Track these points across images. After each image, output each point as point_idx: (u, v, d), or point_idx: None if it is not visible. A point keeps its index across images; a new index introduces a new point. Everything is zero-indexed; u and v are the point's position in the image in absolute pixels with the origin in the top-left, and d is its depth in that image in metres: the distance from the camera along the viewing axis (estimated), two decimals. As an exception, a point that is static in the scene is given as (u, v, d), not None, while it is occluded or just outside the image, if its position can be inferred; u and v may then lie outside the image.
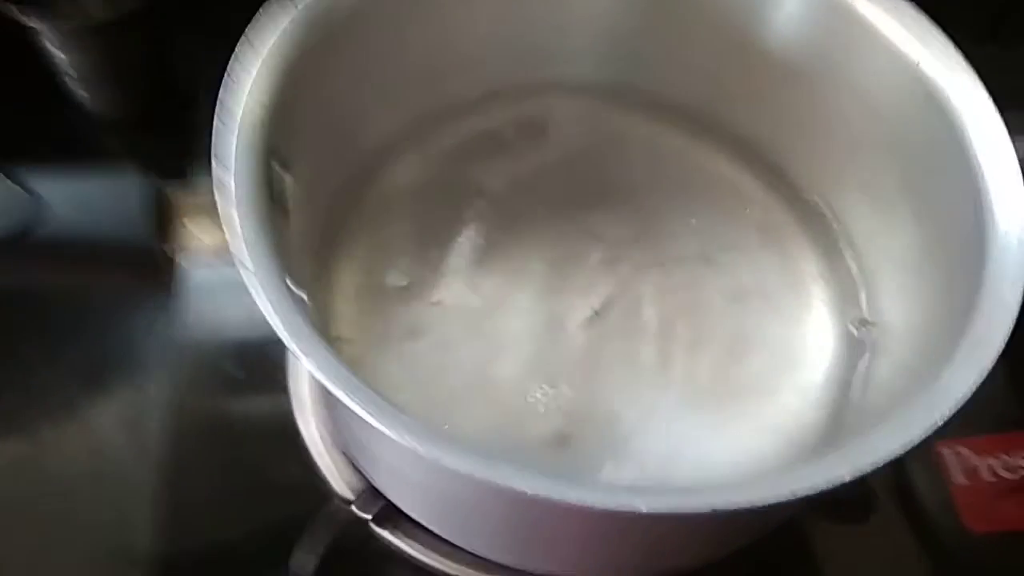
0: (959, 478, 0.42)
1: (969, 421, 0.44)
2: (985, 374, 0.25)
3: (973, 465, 0.43)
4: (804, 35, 0.35)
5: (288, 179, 0.30)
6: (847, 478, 0.23)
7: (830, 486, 0.23)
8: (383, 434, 0.23)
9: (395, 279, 0.37)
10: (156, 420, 0.43)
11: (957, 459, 0.43)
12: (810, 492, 0.23)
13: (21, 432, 0.44)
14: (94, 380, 0.46)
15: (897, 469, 0.43)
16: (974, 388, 0.25)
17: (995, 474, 0.42)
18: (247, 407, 0.42)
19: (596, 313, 0.37)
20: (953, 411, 0.24)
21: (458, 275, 0.37)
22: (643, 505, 0.22)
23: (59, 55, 0.47)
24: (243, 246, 0.25)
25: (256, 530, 0.39)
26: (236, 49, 0.29)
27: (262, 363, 0.43)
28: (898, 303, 0.35)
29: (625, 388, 0.35)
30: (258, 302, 0.24)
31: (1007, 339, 0.26)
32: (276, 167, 0.30)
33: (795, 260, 0.39)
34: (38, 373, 0.46)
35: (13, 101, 0.49)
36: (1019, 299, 0.26)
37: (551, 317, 0.37)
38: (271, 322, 0.24)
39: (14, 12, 0.44)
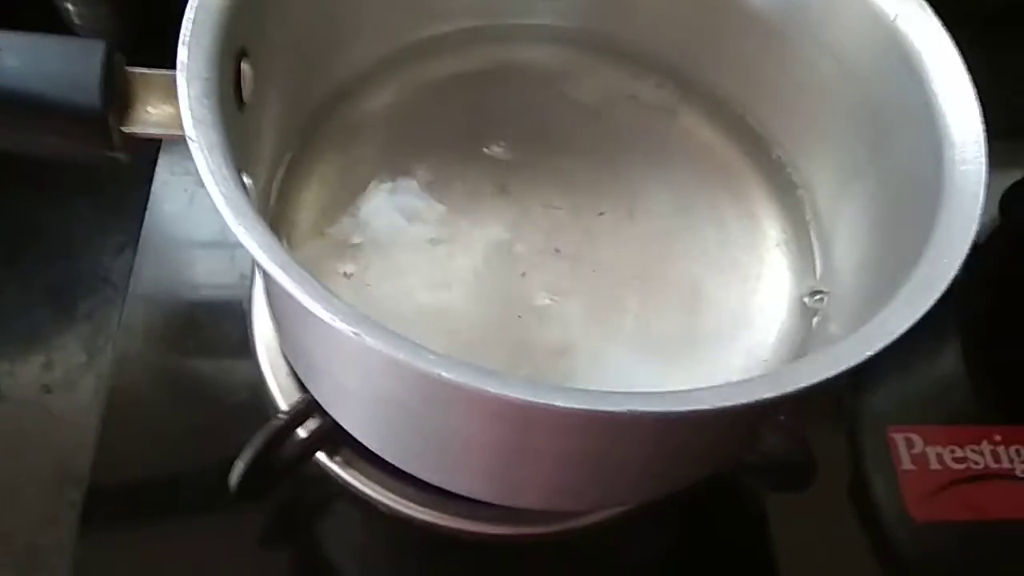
0: (907, 463, 0.42)
1: (925, 409, 0.45)
2: (922, 314, 0.25)
3: (922, 452, 0.43)
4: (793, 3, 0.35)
5: (248, 72, 0.30)
6: (767, 396, 0.23)
7: (752, 403, 0.23)
8: (307, 312, 0.23)
9: (355, 203, 0.37)
10: (114, 348, 0.43)
11: (907, 445, 0.43)
12: (730, 407, 0.22)
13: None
14: (61, 303, 0.46)
15: (849, 447, 0.43)
16: (908, 327, 0.25)
17: (942, 463, 0.42)
18: (201, 327, 0.42)
19: (557, 252, 0.37)
20: (883, 348, 0.24)
21: (420, 206, 0.37)
22: (560, 400, 0.22)
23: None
24: (191, 117, 0.25)
25: (201, 454, 0.39)
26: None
27: (224, 297, 0.43)
28: (852, 271, 0.35)
29: (577, 327, 0.35)
30: (201, 170, 0.24)
31: (948, 286, 0.26)
32: (242, 64, 0.30)
33: (760, 222, 0.39)
34: (4, 292, 0.46)
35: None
36: (964, 252, 0.26)
37: (511, 253, 0.37)
38: (210, 190, 0.24)
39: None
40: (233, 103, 0.29)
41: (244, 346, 0.41)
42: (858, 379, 0.45)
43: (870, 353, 0.24)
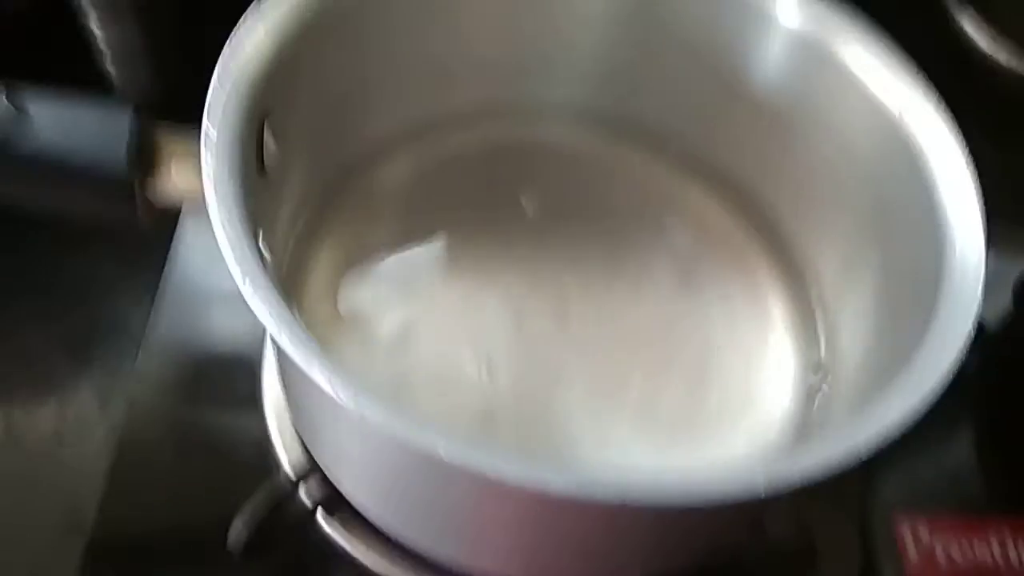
0: (913, 555, 0.42)
1: (934, 496, 0.44)
2: (918, 409, 0.25)
3: (929, 545, 0.42)
4: (790, 78, 0.36)
5: (273, 145, 0.31)
6: (762, 489, 0.23)
7: (744, 494, 0.23)
8: (317, 387, 0.23)
9: (368, 269, 0.38)
10: (126, 398, 0.44)
11: (913, 536, 0.42)
12: (722, 499, 0.23)
13: (-3, 390, 0.45)
14: (77, 349, 0.47)
15: (856, 533, 0.42)
16: (905, 421, 0.25)
17: (949, 558, 0.42)
18: (216, 394, 0.43)
19: (564, 325, 0.38)
20: (879, 442, 0.24)
21: (431, 273, 0.38)
22: (558, 482, 0.22)
23: (95, 29, 0.49)
24: (212, 188, 0.26)
25: (204, 510, 0.39)
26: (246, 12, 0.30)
27: (237, 353, 0.44)
28: (856, 354, 0.35)
29: (581, 402, 0.35)
30: (217, 234, 0.25)
31: (946, 382, 0.26)
32: (265, 131, 0.31)
33: (765, 299, 0.39)
34: (24, 337, 0.47)
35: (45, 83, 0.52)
36: (959, 350, 0.27)
37: (519, 323, 0.37)
38: (224, 253, 0.24)
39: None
40: (255, 169, 0.30)
41: (253, 403, 0.41)
42: (866, 461, 0.45)
43: (866, 446, 0.24)
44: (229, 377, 0.43)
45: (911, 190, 0.32)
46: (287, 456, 0.39)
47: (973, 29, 0.57)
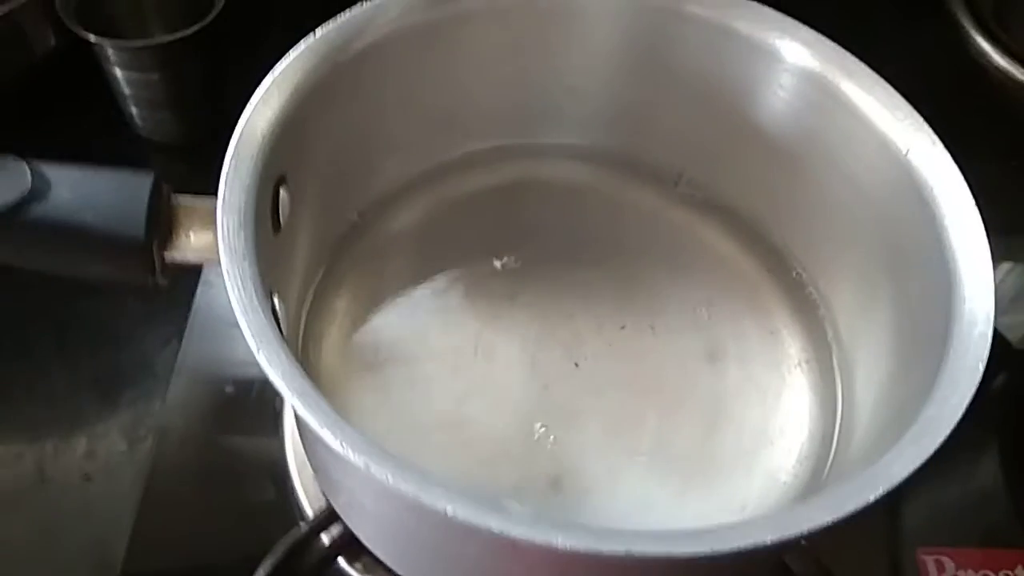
0: (938, 586, 0.41)
1: (957, 528, 0.44)
2: (927, 457, 0.25)
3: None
4: (797, 117, 0.36)
5: (285, 198, 0.32)
6: (768, 542, 0.23)
7: (751, 548, 0.23)
8: (327, 445, 0.24)
9: (383, 315, 0.38)
10: (153, 434, 0.44)
11: (937, 568, 0.42)
12: (730, 551, 0.23)
13: (25, 431, 0.46)
14: (105, 392, 0.48)
15: (879, 567, 0.42)
16: (912, 472, 0.25)
17: (978, 588, 0.41)
18: (237, 426, 0.43)
19: (577, 366, 0.38)
20: (886, 493, 0.24)
21: (446, 317, 0.39)
22: (564, 540, 0.22)
23: (120, 74, 0.50)
24: (224, 249, 0.27)
25: (228, 550, 0.40)
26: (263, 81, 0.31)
27: (262, 389, 0.44)
28: (872, 394, 0.35)
29: (595, 444, 0.36)
30: (231, 299, 0.25)
31: (954, 425, 0.26)
32: (281, 191, 0.32)
33: (781, 340, 0.39)
34: (52, 377, 0.48)
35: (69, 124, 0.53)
36: (972, 388, 0.26)
37: (532, 366, 0.38)
38: (238, 319, 0.25)
39: (80, 30, 0.48)
40: (270, 228, 0.31)
41: (276, 447, 0.42)
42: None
43: (872, 498, 0.24)
44: (253, 422, 0.43)
45: (920, 229, 0.32)
46: (307, 499, 0.40)
47: (989, 47, 0.57)
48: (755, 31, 0.35)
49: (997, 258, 0.30)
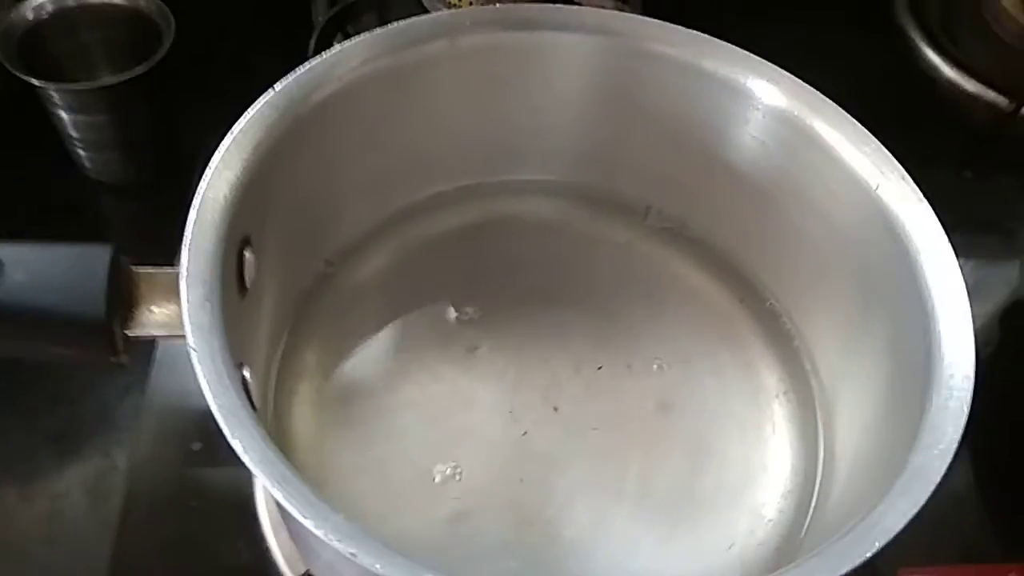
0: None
1: (936, 544, 0.44)
2: (919, 508, 0.25)
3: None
4: (767, 153, 0.36)
5: (251, 259, 0.31)
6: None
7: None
8: (311, 532, 0.23)
9: (356, 367, 0.37)
10: (118, 490, 0.43)
11: (919, 589, 0.42)
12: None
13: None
14: (64, 447, 0.46)
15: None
16: (906, 522, 0.25)
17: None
18: (207, 482, 0.42)
19: (556, 411, 0.37)
20: (882, 546, 0.24)
21: (420, 366, 0.38)
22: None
23: (66, 117, 0.49)
24: (190, 326, 0.26)
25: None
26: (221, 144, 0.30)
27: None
28: (852, 429, 0.35)
29: (579, 490, 0.35)
30: (200, 380, 0.24)
31: (943, 473, 0.26)
32: (246, 252, 0.30)
33: (758, 372, 0.39)
34: (11, 437, 0.46)
35: (16, 168, 0.52)
36: (958, 434, 0.27)
37: (511, 413, 0.37)
38: (209, 402, 0.24)
39: (23, 74, 0.46)
40: (236, 293, 0.30)
41: (249, 506, 0.40)
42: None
43: (868, 555, 0.24)
44: (225, 476, 0.42)
45: (893, 264, 0.32)
46: (284, 560, 0.38)
47: (938, 59, 0.58)
48: (723, 69, 0.35)
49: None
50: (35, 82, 0.46)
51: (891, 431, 0.31)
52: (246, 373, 0.28)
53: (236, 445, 0.24)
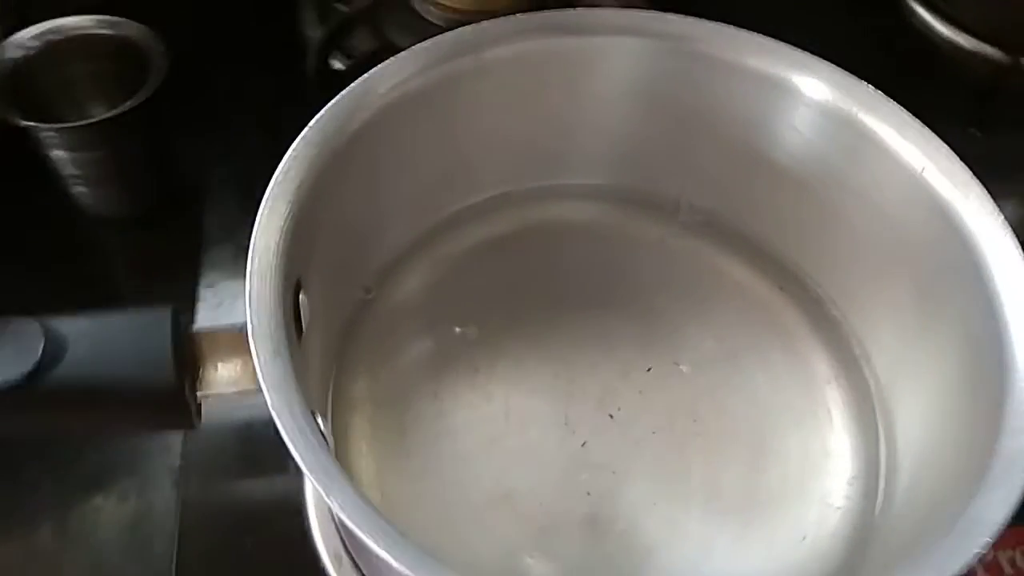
0: (979, 571, 0.42)
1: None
2: (1020, 497, 0.25)
3: (994, 560, 0.42)
4: (813, 147, 0.36)
5: (304, 301, 0.30)
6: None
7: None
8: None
9: (405, 393, 0.37)
10: (156, 527, 0.42)
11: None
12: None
13: (15, 539, 0.43)
14: (96, 486, 0.45)
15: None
16: (1010, 512, 0.25)
17: (1015, 567, 0.42)
18: (259, 514, 0.41)
19: (612, 418, 0.37)
20: (992, 540, 0.24)
21: (471, 385, 0.37)
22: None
23: (61, 155, 0.47)
24: (266, 386, 0.25)
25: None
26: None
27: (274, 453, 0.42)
28: (914, 412, 0.35)
29: (646, 496, 0.35)
30: (285, 440, 0.24)
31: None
32: (301, 296, 0.30)
33: (806, 360, 0.39)
34: (40, 489, 0.45)
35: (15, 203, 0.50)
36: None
37: (567, 425, 0.37)
38: (299, 463, 0.23)
39: (16, 116, 0.44)
40: (296, 341, 0.29)
41: (304, 543, 0.40)
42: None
43: (977, 551, 0.24)
44: (279, 510, 0.41)
45: (946, 249, 0.32)
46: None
47: (932, 19, 0.57)
48: (768, 67, 0.34)
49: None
50: (27, 123, 0.45)
51: (963, 415, 0.31)
52: (319, 421, 0.27)
53: (333, 505, 0.23)
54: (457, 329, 0.38)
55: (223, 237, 0.49)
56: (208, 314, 0.46)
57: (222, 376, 0.27)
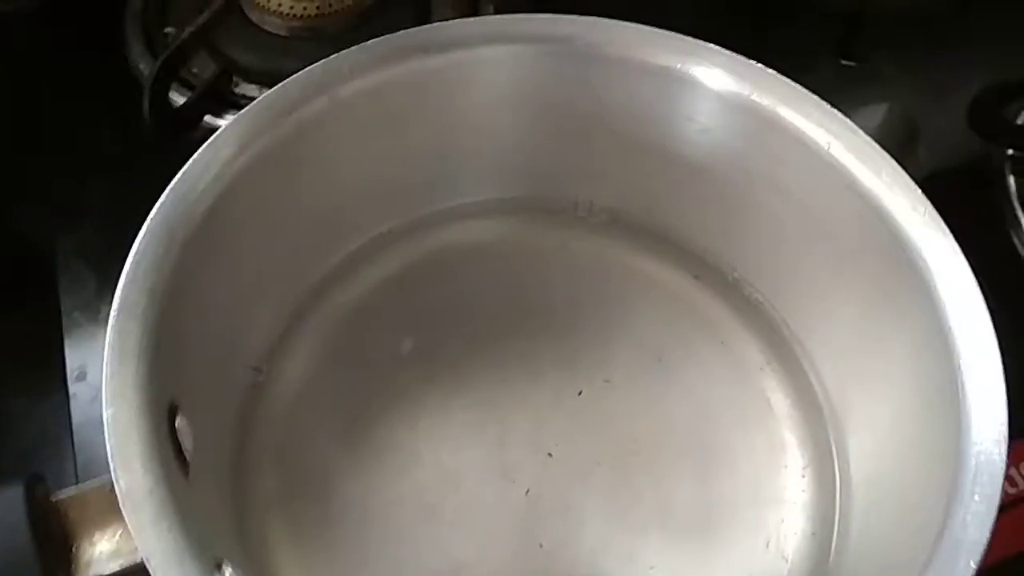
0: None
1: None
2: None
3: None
4: (708, 134, 0.34)
5: (184, 424, 0.26)
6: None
7: None
8: None
9: (322, 476, 0.33)
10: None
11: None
12: None
13: None
14: None
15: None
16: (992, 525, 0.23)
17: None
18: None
19: (551, 456, 0.35)
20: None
21: (393, 451, 0.34)
22: None
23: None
24: (156, 558, 0.21)
25: None
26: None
27: None
28: (857, 393, 0.34)
29: (603, 538, 0.33)
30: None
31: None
32: (178, 419, 0.26)
33: (735, 348, 0.37)
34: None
35: None
36: (1004, 445, 0.25)
37: (505, 474, 0.34)
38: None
39: None
40: (181, 475, 0.25)
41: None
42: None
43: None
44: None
45: (867, 230, 0.30)
46: None
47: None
48: (656, 58, 0.32)
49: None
50: None
51: (909, 379, 0.30)
52: (228, 571, 0.23)
53: None
54: (364, 393, 0.35)
55: (84, 319, 0.44)
56: (85, 412, 0.41)
57: (100, 552, 0.23)
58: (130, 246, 0.27)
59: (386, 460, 0.34)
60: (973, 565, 0.23)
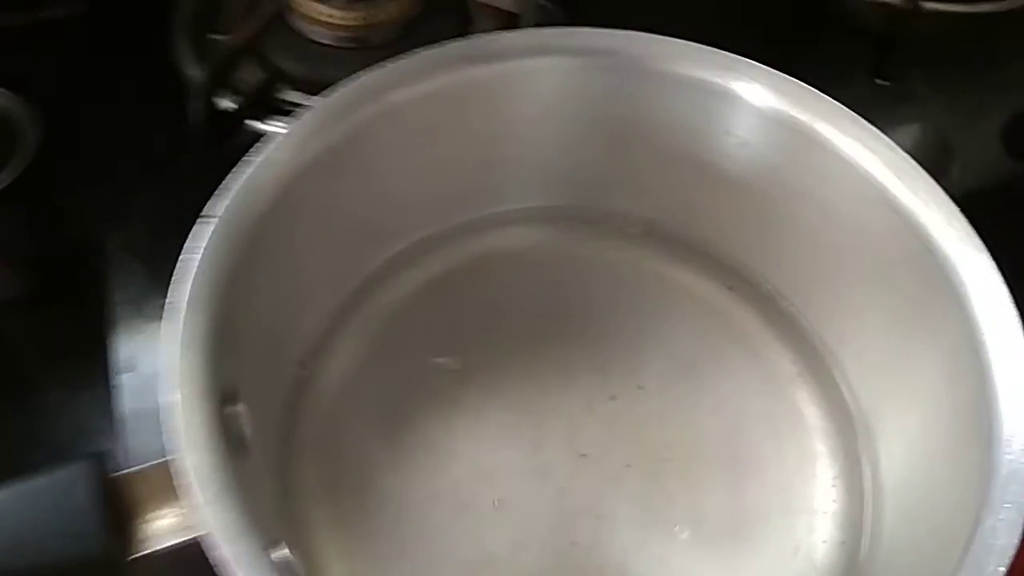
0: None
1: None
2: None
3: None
4: (748, 148, 0.34)
5: (245, 411, 0.27)
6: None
7: None
8: None
9: (363, 470, 0.34)
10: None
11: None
12: None
13: None
14: None
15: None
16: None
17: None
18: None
19: (584, 457, 0.35)
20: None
21: (429, 449, 0.35)
22: None
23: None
24: (221, 531, 0.22)
25: None
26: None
27: None
28: (888, 404, 0.34)
29: (633, 534, 0.34)
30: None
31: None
32: (236, 405, 0.27)
33: (768, 360, 0.38)
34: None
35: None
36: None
37: (540, 473, 0.35)
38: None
39: None
40: (241, 457, 0.26)
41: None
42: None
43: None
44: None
45: (903, 246, 0.31)
46: None
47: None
48: (699, 73, 0.33)
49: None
50: None
51: (941, 394, 0.30)
52: (282, 550, 0.24)
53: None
54: (403, 390, 0.36)
55: (133, 313, 0.45)
56: (134, 401, 0.42)
57: (159, 528, 0.24)
58: (178, 243, 0.28)
59: (423, 457, 0.35)
60: (1001, 570, 0.23)
